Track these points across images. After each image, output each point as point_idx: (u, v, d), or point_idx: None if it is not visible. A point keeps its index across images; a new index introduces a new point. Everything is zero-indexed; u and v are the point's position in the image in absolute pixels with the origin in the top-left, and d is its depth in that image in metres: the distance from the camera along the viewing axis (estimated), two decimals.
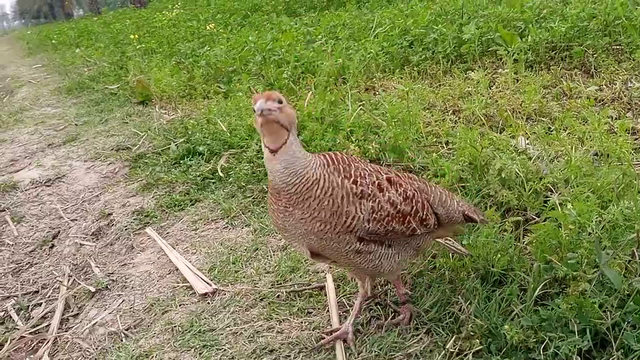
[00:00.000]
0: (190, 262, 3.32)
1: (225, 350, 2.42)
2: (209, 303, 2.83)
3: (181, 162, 4.88)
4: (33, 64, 13.92)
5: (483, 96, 4.63)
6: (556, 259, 2.38)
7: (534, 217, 2.90)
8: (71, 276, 3.69)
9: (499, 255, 2.43)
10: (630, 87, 4.67)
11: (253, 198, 3.96)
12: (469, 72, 5.56)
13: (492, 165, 3.25)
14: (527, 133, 3.93)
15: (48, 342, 3.06)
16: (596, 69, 5.17)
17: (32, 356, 3.00)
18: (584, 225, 2.37)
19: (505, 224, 2.80)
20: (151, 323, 2.82)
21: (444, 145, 3.96)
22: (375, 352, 2.24)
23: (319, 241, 2.09)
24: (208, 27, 10.07)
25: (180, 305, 2.90)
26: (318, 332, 2.43)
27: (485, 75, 5.25)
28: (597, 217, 2.46)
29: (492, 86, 5.17)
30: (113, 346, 2.75)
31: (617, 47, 5.40)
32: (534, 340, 2.02)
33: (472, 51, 5.93)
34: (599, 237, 2.28)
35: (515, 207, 3.01)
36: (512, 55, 5.18)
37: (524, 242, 2.65)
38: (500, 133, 3.97)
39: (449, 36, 6.06)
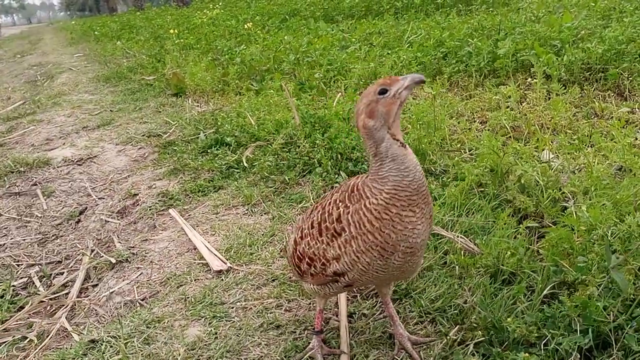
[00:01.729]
0: (208, 242, 3.41)
1: (234, 322, 2.50)
2: (222, 279, 2.91)
3: (208, 151, 5.01)
4: (75, 53, 14.36)
5: (512, 110, 4.64)
6: (567, 264, 2.39)
7: (550, 224, 2.91)
8: (94, 249, 3.82)
9: (510, 255, 2.46)
10: None
11: (275, 188, 4.05)
12: (501, 86, 5.56)
13: (513, 172, 3.27)
14: (552, 147, 3.93)
15: (66, 306, 3.18)
16: (630, 92, 5.13)
17: (50, 319, 3.12)
18: (596, 230, 2.38)
19: (520, 229, 2.82)
20: (166, 294, 2.91)
21: (467, 151, 3.99)
22: (378, 334, 2.28)
23: (421, 248, 2.02)
24: (246, 27, 10.28)
25: (195, 280, 2.99)
26: (325, 313, 2.49)
27: (517, 91, 5.26)
28: (612, 227, 2.47)
29: (523, 102, 5.16)
30: (128, 313, 2.85)
31: None
32: (536, 335, 2.04)
33: (505, 66, 5.94)
34: (611, 243, 2.29)
35: (533, 214, 3.02)
36: (546, 72, 5.17)
37: (537, 245, 2.67)
38: (525, 145, 3.98)
39: (483, 50, 6.08)
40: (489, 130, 4.31)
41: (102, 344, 2.47)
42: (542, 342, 2.03)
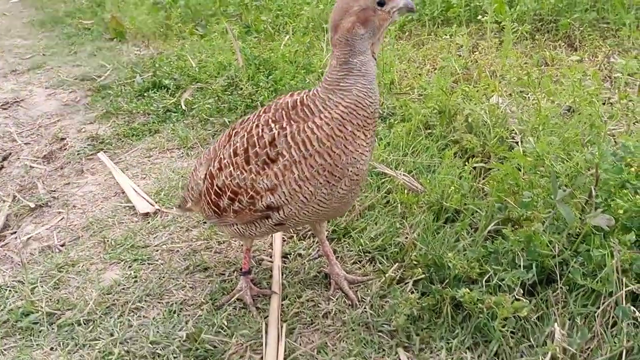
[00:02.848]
0: (137, 185, 3.15)
1: (156, 265, 2.29)
2: (148, 222, 2.68)
3: (145, 94, 4.66)
4: None
5: (464, 58, 4.50)
6: (512, 201, 2.28)
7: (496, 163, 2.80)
8: (16, 196, 3.50)
9: (453, 191, 2.32)
10: (612, 61, 4.57)
11: (214, 131, 3.79)
12: (454, 37, 5.40)
13: (461, 112, 3.13)
14: (502, 92, 3.82)
15: None
16: (580, 42, 5.07)
17: None
18: (543, 163, 2.27)
19: (466, 168, 2.69)
20: (87, 239, 2.67)
21: (416, 93, 3.82)
22: (313, 274, 2.12)
23: (364, 177, 1.87)
24: None
25: (119, 224, 2.75)
26: (258, 255, 2.31)
27: (470, 40, 5.11)
28: (559, 162, 2.36)
29: (475, 52, 5.03)
30: (44, 260, 2.59)
31: (604, 23, 5.29)
32: (478, 272, 1.92)
33: (458, 15, 5.77)
34: (558, 176, 2.18)
35: (480, 154, 2.89)
36: (498, 22, 5.03)
37: (481, 181, 2.54)
38: (475, 88, 3.84)
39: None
40: (439, 71, 4.15)
41: (5, 290, 2.21)
42: (484, 279, 1.91)
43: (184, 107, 4.21)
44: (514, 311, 1.72)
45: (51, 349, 1.87)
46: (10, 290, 2.20)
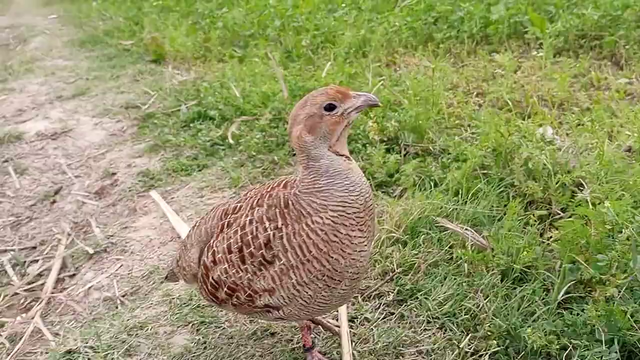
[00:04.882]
0: None
1: (224, 328, 2.30)
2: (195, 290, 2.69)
3: (191, 125, 4.71)
4: (48, 14, 13.63)
5: (508, 81, 4.42)
6: (582, 260, 2.22)
7: (559, 212, 2.73)
8: (70, 234, 3.58)
9: (524, 252, 2.27)
10: None
11: (263, 168, 3.80)
12: (494, 54, 5.33)
13: (518, 154, 3.06)
14: (553, 122, 3.74)
15: (41, 301, 2.97)
16: (627, 61, 4.94)
17: (24, 315, 2.91)
18: (618, 226, 2.20)
19: (529, 217, 2.64)
20: (148, 292, 2.70)
21: (467, 128, 3.77)
22: (383, 343, 2.10)
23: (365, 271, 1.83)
24: None
25: None
26: (323, 317, 2.29)
27: (512, 59, 5.03)
28: (630, 217, 2.29)
29: (517, 71, 4.95)
30: (107, 312, 2.63)
31: None
32: (557, 346, 1.88)
33: (499, 32, 5.68)
34: (635, 240, 2.11)
35: (540, 200, 2.84)
36: (541, 40, 4.95)
37: (548, 238, 2.48)
38: (526, 120, 3.77)
39: (476, 15, 5.81)
40: (488, 105, 4.08)
41: (78, 356, 2.25)
42: (564, 354, 1.86)
43: (231, 141, 4.23)
44: None
45: None
46: (83, 357, 2.23)
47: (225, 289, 1.81)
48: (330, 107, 1.63)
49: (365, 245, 1.70)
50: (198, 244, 1.95)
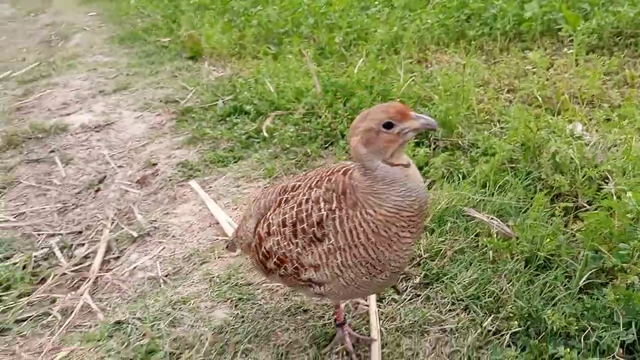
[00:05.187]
0: (230, 217, 3.35)
1: (260, 305, 2.46)
2: (246, 258, 2.86)
3: (227, 119, 4.91)
4: (88, 11, 14.06)
5: (540, 78, 4.47)
6: (605, 249, 2.30)
7: (585, 204, 2.81)
8: (114, 220, 3.79)
9: (547, 240, 2.37)
10: None
11: (296, 160, 3.95)
12: (527, 51, 5.36)
13: (546, 148, 3.14)
14: (583, 119, 3.79)
15: (89, 280, 3.17)
16: None
17: (73, 293, 3.11)
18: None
19: (555, 209, 2.72)
20: (189, 272, 2.88)
21: (497, 123, 3.85)
22: (409, 321, 2.23)
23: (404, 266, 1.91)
24: None
25: (219, 258, 2.95)
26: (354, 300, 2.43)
27: (544, 56, 5.06)
28: None
29: (550, 68, 4.98)
30: (151, 290, 2.82)
31: None
32: (576, 327, 1.97)
33: (532, 30, 5.70)
34: None
35: (567, 193, 2.91)
36: (575, 37, 4.96)
37: (573, 228, 2.57)
38: (556, 116, 3.83)
39: (509, 13, 5.83)
40: (519, 101, 4.15)
41: (127, 326, 2.44)
42: (582, 335, 1.96)
43: (265, 134, 4.40)
44: None
45: None
46: (131, 327, 2.42)
47: (275, 259, 1.94)
48: (388, 125, 1.68)
49: (412, 244, 1.79)
50: (256, 215, 2.09)
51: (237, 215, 3.40)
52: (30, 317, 2.83)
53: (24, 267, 3.31)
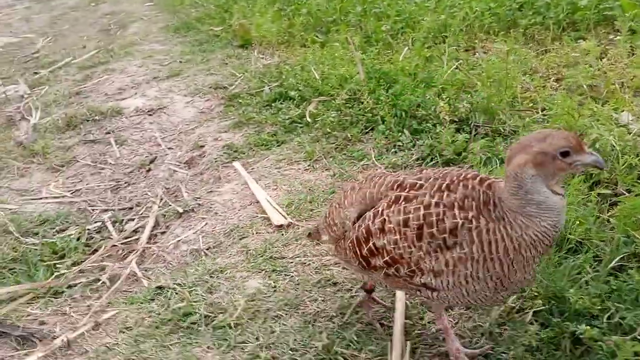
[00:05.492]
0: (270, 196, 3.48)
1: (292, 276, 2.58)
2: (282, 234, 2.98)
3: (272, 104, 5.03)
4: (145, 1, 14.54)
5: (591, 67, 4.36)
6: (639, 235, 2.28)
7: (624, 191, 2.77)
8: (163, 198, 3.99)
9: (578, 222, 2.36)
10: None
11: (337, 144, 4.04)
12: (580, 41, 5.22)
13: (588, 135, 3.10)
14: (633, 108, 3.69)
15: (136, 252, 3.37)
16: None
17: (121, 262, 3.32)
18: None
19: (591, 196, 2.70)
20: (229, 246, 3.03)
21: (540, 111, 3.81)
22: None
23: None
24: None
25: (256, 233, 3.08)
26: None
27: (598, 45, 4.92)
28: None
29: (603, 58, 4.84)
30: (193, 262, 2.98)
31: None
32: (599, 308, 1.98)
33: (586, 19, 5.54)
34: None
35: (606, 180, 2.88)
36: (631, 27, 4.80)
37: (608, 214, 2.54)
38: (602, 105, 3.75)
39: (563, 1, 5.69)
40: (564, 89, 4.08)
41: (168, 291, 2.60)
42: (605, 316, 1.96)
43: (308, 119, 4.50)
44: (634, 354, 1.77)
45: (208, 347, 2.22)
46: (171, 292, 2.58)
47: (386, 258, 1.87)
48: (565, 154, 1.66)
49: (537, 267, 1.82)
50: (358, 205, 2.02)
51: (277, 194, 3.52)
52: (81, 282, 3.04)
53: (78, 239, 3.54)
